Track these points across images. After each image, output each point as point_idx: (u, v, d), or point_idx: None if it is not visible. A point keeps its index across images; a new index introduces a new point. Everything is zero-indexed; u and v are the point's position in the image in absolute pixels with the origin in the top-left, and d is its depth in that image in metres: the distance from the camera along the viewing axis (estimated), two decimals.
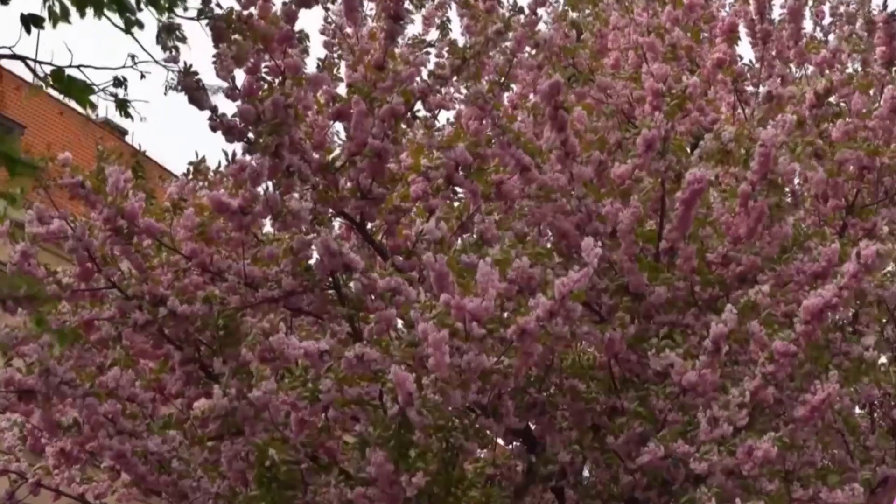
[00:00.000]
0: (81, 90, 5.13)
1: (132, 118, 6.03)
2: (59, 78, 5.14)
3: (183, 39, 6.89)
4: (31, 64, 5.38)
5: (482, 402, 8.42)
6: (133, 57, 7.22)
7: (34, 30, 5.05)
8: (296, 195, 8.39)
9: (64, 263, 9.11)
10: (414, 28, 9.03)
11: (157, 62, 7.40)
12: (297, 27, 8.30)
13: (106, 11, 5.22)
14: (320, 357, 7.83)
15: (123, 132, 30.64)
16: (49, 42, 5.42)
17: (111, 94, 5.84)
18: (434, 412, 7.41)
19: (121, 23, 5.38)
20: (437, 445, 8.09)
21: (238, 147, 8.36)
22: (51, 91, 5.36)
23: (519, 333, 7.27)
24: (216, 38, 7.84)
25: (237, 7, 7.98)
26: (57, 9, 4.97)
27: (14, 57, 5.31)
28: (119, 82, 5.93)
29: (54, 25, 5.05)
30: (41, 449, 9.61)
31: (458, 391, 7.39)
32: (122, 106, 5.94)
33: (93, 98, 5.27)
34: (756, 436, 7.67)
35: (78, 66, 5.31)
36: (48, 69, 5.22)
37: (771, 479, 8.01)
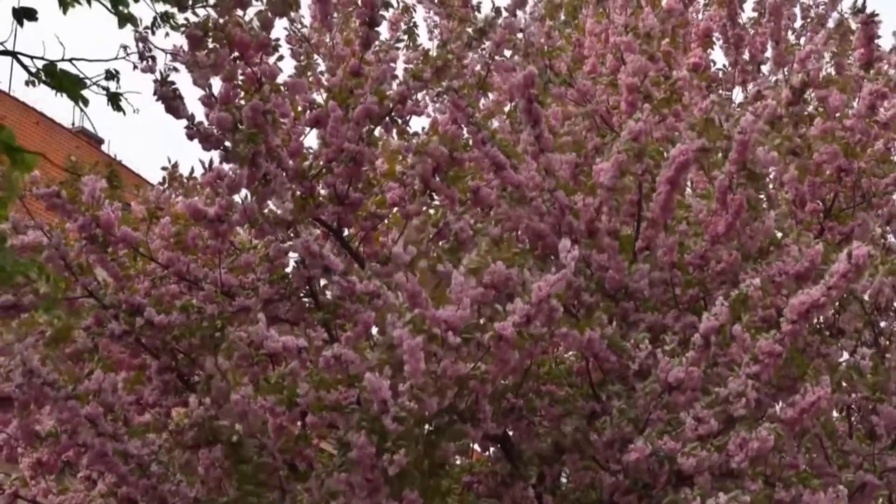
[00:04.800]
0: (73, 84, 5.11)
1: (124, 111, 5.95)
2: (51, 72, 5.11)
3: (177, 27, 6.92)
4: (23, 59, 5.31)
5: (459, 408, 8.32)
6: (125, 48, 7.25)
7: (17, 28, 5.02)
8: (274, 201, 8.41)
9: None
10: (380, 32, 9.00)
11: (159, 49, 7.46)
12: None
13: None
14: (299, 353, 7.84)
15: (99, 140, 30.70)
16: (37, 38, 5.41)
17: (103, 88, 5.79)
18: (409, 420, 7.37)
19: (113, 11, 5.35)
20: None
21: (214, 154, 8.38)
22: (25, 100, 5.32)
23: (496, 340, 7.24)
24: (192, 45, 7.87)
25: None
26: None
27: (4, 53, 5.25)
28: (111, 75, 5.88)
29: (65, 12, 5.07)
30: (14, 459, 9.60)
31: (433, 398, 7.36)
32: (115, 99, 5.86)
33: (84, 92, 5.23)
34: (747, 429, 7.64)
35: (70, 60, 5.29)
36: (39, 64, 5.19)
37: (754, 480, 8.02)
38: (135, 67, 7.23)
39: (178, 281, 9.10)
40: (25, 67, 5.23)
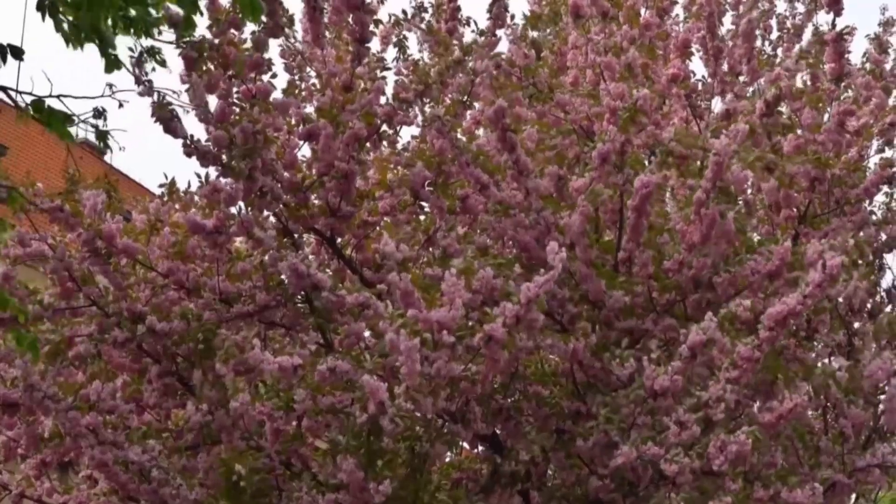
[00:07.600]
0: (61, 121, 5.21)
1: (110, 149, 6.03)
2: (40, 108, 5.18)
3: (163, 63, 7.09)
4: (13, 94, 5.34)
5: (450, 409, 8.64)
6: (111, 86, 7.41)
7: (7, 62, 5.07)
8: (259, 223, 8.66)
9: (41, 278, 9.36)
10: (371, 46, 9.21)
11: (139, 94, 7.59)
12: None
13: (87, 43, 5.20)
14: (294, 371, 8.01)
15: (103, 152, 30.96)
16: (29, 71, 5.45)
17: (92, 125, 5.85)
18: (406, 420, 7.59)
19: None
20: (405, 453, 8.35)
21: (211, 168, 8.57)
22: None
23: (486, 340, 7.44)
24: (188, 66, 8.07)
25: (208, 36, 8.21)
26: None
27: None
28: (99, 113, 5.95)
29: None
30: (15, 458, 9.89)
31: (428, 398, 7.56)
32: (102, 137, 5.93)
33: (71, 129, 5.32)
34: (726, 432, 7.84)
35: (58, 96, 5.33)
36: (29, 99, 5.24)
37: (734, 480, 8.20)
38: (120, 105, 7.35)
39: (177, 288, 9.32)
40: (15, 102, 5.30)
